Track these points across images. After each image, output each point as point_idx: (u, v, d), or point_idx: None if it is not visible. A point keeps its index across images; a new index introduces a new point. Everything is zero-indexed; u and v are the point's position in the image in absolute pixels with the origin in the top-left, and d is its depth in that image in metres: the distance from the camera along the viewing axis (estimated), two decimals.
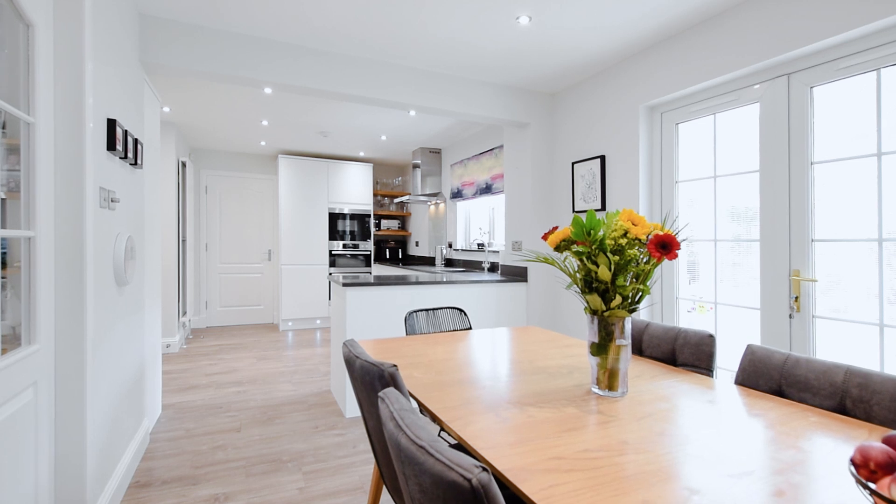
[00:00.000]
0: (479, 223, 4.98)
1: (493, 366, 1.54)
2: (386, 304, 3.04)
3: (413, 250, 6.67)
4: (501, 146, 4.28)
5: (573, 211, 3.29)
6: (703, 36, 2.40)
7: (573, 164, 3.29)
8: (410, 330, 2.16)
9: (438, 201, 5.52)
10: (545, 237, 1.32)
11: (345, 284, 2.92)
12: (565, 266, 1.30)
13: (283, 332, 5.75)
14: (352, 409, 2.90)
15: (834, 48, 1.96)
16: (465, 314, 2.33)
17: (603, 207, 3.07)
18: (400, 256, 6.81)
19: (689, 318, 2.68)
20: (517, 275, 3.61)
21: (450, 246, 5.37)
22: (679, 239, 2.30)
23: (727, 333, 2.47)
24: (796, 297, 2.09)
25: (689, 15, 2.36)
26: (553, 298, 3.50)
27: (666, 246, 1.11)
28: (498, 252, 4.38)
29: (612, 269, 1.18)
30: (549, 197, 3.54)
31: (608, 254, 1.17)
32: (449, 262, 5.34)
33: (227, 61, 2.59)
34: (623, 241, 1.16)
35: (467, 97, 3.27)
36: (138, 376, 2.37)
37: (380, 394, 0.91)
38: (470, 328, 2.28)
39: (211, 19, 2.48)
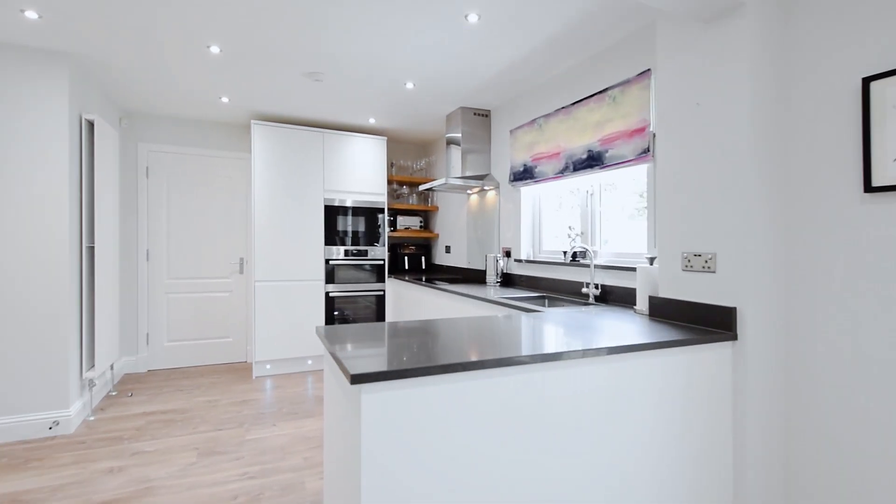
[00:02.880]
0: (565, 219, 3.15)
1: None
2: (464, 432, 1.22)
3: (442, 258, 4.84)
4: (616, 85, 2.46)
5: (866, 186, 1.47)
6: None
7: (867, 80, 1.46)
8: None
9: (487, 187, 3.71)
10: None
11: (358, 379, 1.09)
12: None
13: (258, 379, 3.92)
14: None
15: None
16: None
17: None
18: (423, 267, 4.97)
19: None
20: (700, 318, 1.79)
21: (507, 255, 3.54)
22: None
23: None
24: None
25: None
26: (809, 385, 1.68)
27: None
28: (622, 270, 2.55)
29: None
30: (785, 159, 1.71)
31: None
32: (507, 280, 3.51)
33: None
34: None
35: None
36: None
37: None
38: None
39: None
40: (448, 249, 4.68)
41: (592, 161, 2.63)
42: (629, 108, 2.39)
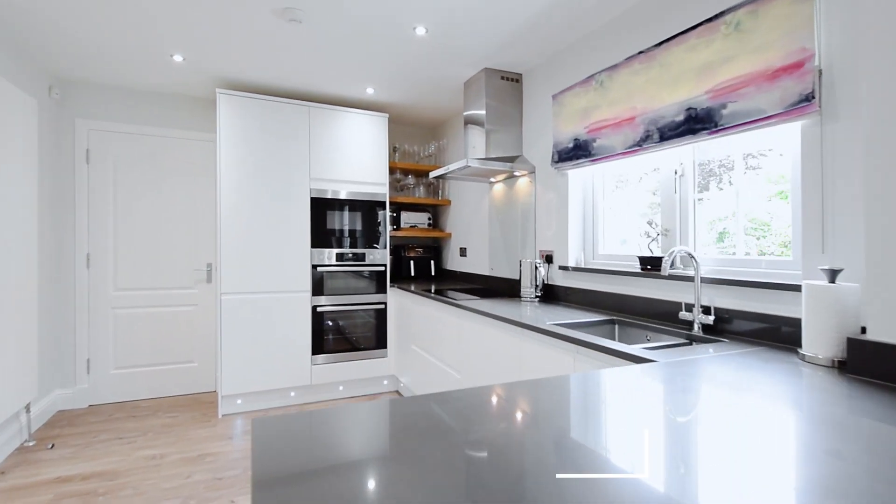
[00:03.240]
0: (636, 208, 2.31)
1: None
2: None
3: (455, 262, 3.99)
4: (743, 4, 1.61)
5: None
6: None
7: None
8: None
9: (518, 172, 2.87)
10: None
11: None
12: None
13: (225, 419, 3.07)
14: None
15: None
16: None
17: None
18: (432, 273, 4.12)
19: None
20: None
21: (548, 261, 2.69)
22: None
23: None
24: None
25: None
26: None
27: None
28: (755, 288, 1.70)
29: None
30: None
31: None
32: (549, 293, 2.66)
33: None
34: None
35: None
36: None
37: None
38: None
39: None
40: (463, 252, 3.83)
41: (696, 123, 1.77)
42: (769, 35, 1.53)
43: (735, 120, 1.62)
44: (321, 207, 3.42)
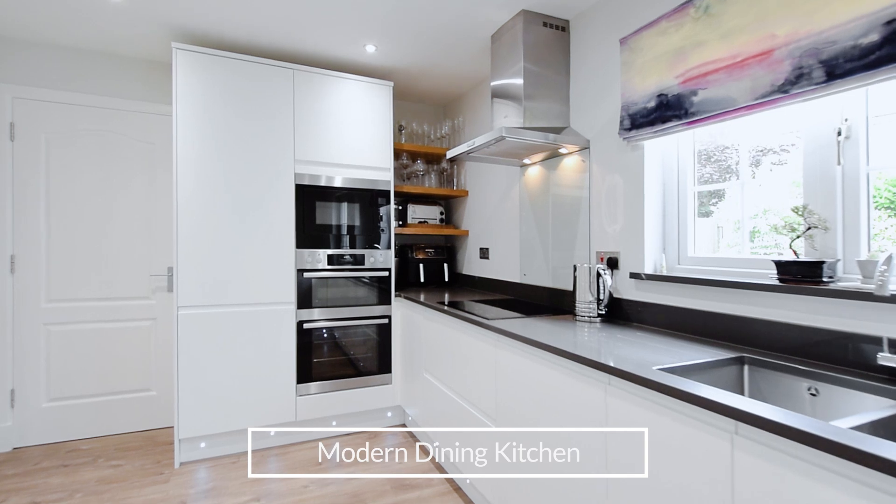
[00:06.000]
0: (751, 193, 1.60)
1: None
2: None
3: (474, 266, 3.28)
4: None
5: None
6: None
7: None
8: None
9: (566, 149, 2.17)
10: None
11: None
12: None
13: (183, 468, 2.36)
14: None
15: None
16: None
17: None
18: (446, 279, 3.41)
19: None
20: None
21: (612, 266, 1.98)
22: None
23: None
24: None
25: None
26: None
27: None
28: None
29: None
30: None
31: None
32: (617, 310, 1.95)
33: None
34: None
35: None
36: None
37: None
38: None
39: None
40: (484, 254, 3.12)
41: None
42: None
43: None
44: (309, 197, 2.72)
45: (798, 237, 1.37)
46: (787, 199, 1.50)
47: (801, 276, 1.32)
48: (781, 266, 1.37)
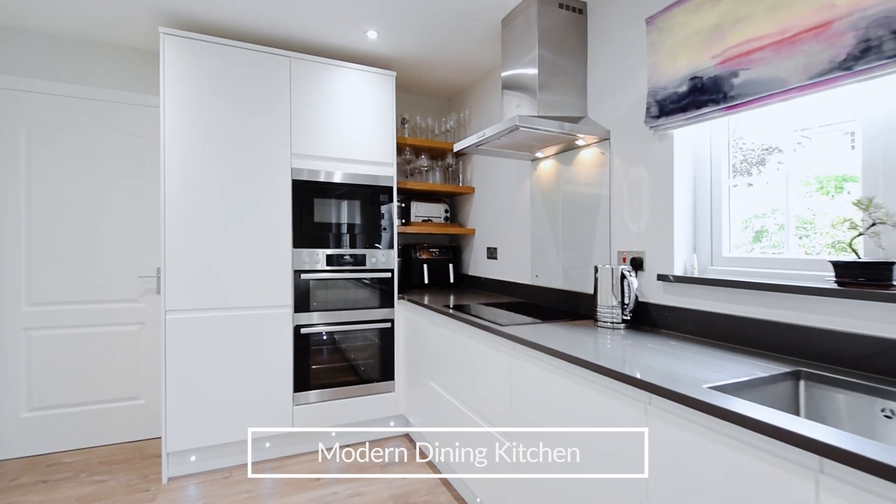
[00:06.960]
0: (795, 185, 1.44)
1: None
2: None
3: (481, 266, 3.12)
4: None
5: None
6: None
7: None
8: None
9: (584, 140, 2.01)
10: None
11: None
12: None
13: (171, 484, 2.20)
14: None
15: None
16: None
17: None
18: (451, 280, 3.24)
19: None
20: None
21: (637, 267, 1.81)
22: None
23: None
24: None
25: None
26: None
27: None
28: None
29: None
30: None
31: None
32: (643, 315, 1.79)
33: None
34: None
35: None
36: None
37: None
38: None
39: None
40: (492, 254, 2.96)
41: None
42: None
43: None
44: (307, 194, 2.56)
45: (860, 234, 1.21)
46: (834, 196, 1.34)
47: (864, 278, 1.16)
48: (841, 267, 1.21)
